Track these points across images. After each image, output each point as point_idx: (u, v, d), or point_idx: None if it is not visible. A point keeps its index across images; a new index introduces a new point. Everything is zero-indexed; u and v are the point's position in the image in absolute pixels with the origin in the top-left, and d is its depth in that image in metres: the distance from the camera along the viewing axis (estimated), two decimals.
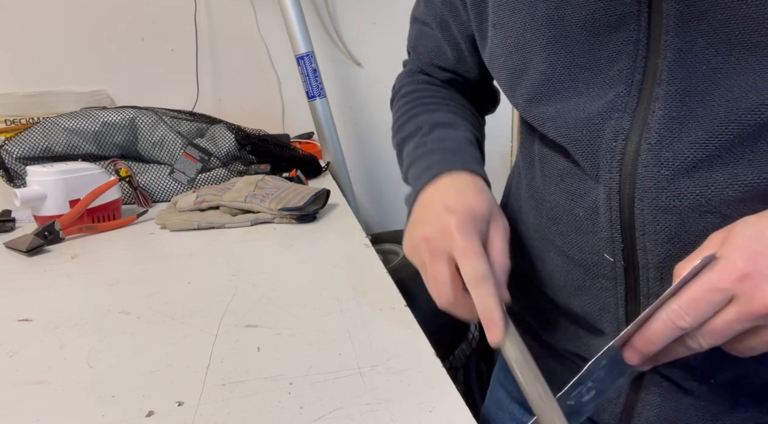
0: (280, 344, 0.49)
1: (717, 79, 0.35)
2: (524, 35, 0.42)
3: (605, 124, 0.39)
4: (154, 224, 0.90)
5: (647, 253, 0.40)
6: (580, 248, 0.45)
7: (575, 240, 0.45)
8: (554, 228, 0.47)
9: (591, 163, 0.41)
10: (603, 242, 0.42)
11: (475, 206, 0.42)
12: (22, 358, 0.48)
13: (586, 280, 0.45)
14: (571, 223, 0.45)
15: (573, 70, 0.41)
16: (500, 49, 0.46)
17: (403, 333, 0.50)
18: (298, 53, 1.35)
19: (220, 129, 1.16)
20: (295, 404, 0.40)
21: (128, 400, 0.41)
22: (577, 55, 0.40)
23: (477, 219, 0.41)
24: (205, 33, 1.51)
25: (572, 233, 0.45)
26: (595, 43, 0.39)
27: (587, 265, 0.44)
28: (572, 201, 0.44)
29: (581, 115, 0.40)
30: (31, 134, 1.02)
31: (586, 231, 0.43)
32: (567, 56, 0.40)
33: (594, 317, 0.46)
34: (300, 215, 0.87)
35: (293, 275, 0.66)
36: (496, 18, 0.46)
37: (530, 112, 0.45)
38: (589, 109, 0.40)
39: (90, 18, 1.41)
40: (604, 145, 0.39)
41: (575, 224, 0.44)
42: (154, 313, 0.56)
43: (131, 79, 1.46)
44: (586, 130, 0.40)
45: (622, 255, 0.41)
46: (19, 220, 0.94)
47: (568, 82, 0.41)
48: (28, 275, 0.70)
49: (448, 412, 0.38)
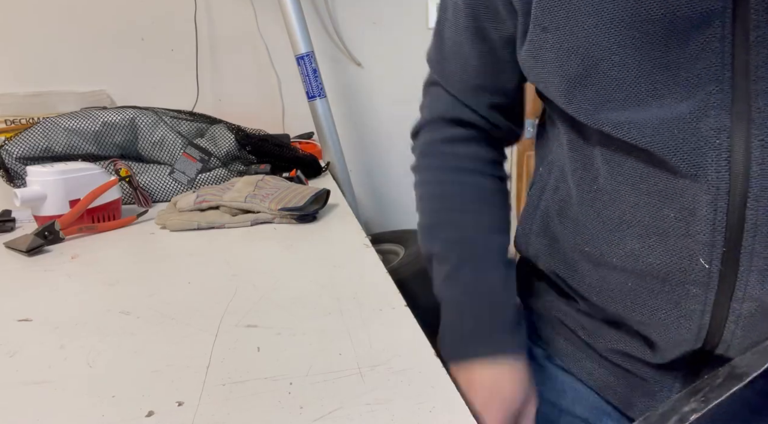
0: (280, 344, 0.49)
1: None
2: (588, 38, 0.40)
3: (701, 123, 0.38)
4: (154, 224, 0.90)
5: (753, 256, 0.38)
6: (665, 252, 0.42)
7: (657, 244, 0.42)
8: (628, 231, 0.44)
9: (688, 162, 0.38)
10: (699, 246, 0.40)
11: (510, 399, 0.49)
12: (22, 358, 0.48)
13: (664, 287, 0.43)
14: (654, 226, 0.42)
15: (651, 71, 0.39)
16: (553, 53, 0.43)
17: (403, 333, 0.50)
18: (298, 53, 1.35)
19: (220, 129, 1.16)
20: (295, 404, 0.39)
21: (128, 400, 0.41)
22: (656, 55, 0.38)
23: (510, 409, 0.48)
24: (205, 33, 1.51)
25: (654, 236, 0.42)
26: (674, 41, 0.37)
27: (670, 271, 0.42)
28: (659, 202, 0.41)
29: (668, 116, 0.39)
30: (31, 134, 1.02)
31: (675, 234, 0.41)
32: (644, 58, 0.39)
33: (666, 325, 0.44)
34: (300, 214, 0.87)
35: (293, 275, 0.66)
36: (546, 20, 0.43)
37: (597, 118, 0.42)
38: (678, 110, 0.38)
39: (90, 18, 1.41)
40: (704, 144, 0.38)
41: (661, 226, 0.42)
42: (154, 313, 0.56)
43: (131, 79, 1.46)
44: (678, 129, 0.38)
45: (720, 259, 0.39)
46: (19, 220, 0.94)
47: (645, 85, 0.39)
48: (28, 275, 0.70)
49: (448, 412, 0.38)
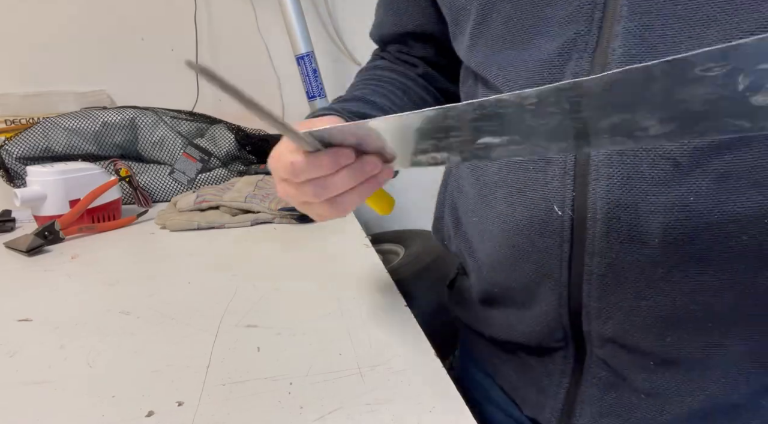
0: (280, 344, 0.49)
1: (678, 13, 0.34)
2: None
3: (565, 67, 0.38)
4: (154, 224, 0.90)
5: (597, 201, 0.38)
6: (526, 206, 0.43)
7: (521, 199, 0.43)
8: (498, 192, 0.45)
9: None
10: (553, 193, 0.40)
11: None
12: (22, 358, 0.48)
13: (530, 244, 0.43)
14: (517, 181, 0.43)
15: (535, 8, 0.39)
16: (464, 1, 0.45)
17: (403, 333, 0.50)
18: (298, 53, 1.35)
19: (220, 129, 1.16)
20: (295, 404, 0.40)
21: (128, 400, 0.41)
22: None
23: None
24: (205, 33, 1.51)
25: (517, 193, 0.43)
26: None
27: (532, 224, 0.42)
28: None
29: (541, 57, 0.39)
30: (31, 134, 1.03)
31: (534, 185, 0.42)
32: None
33: (533, 288, 0.45)
34: (300, 214, 0.87)
35: (293, 275, 0.66)
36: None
37: (493, 60, 0.43)
38: (549, 49, 0.39)
39: (90, 18, 1.41)
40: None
41: (523, 180, 0.43)
42: (154, 313, 0.56)
43: (131, 79, 1.46)
44: (547, 72, 0.39)
45: (571, 205, 0.39)
46: (19, 220, 0.94)
47: (531, 20, 0.40)
48: (28, 275, 0.70)
49: (448, 412, 0.38)
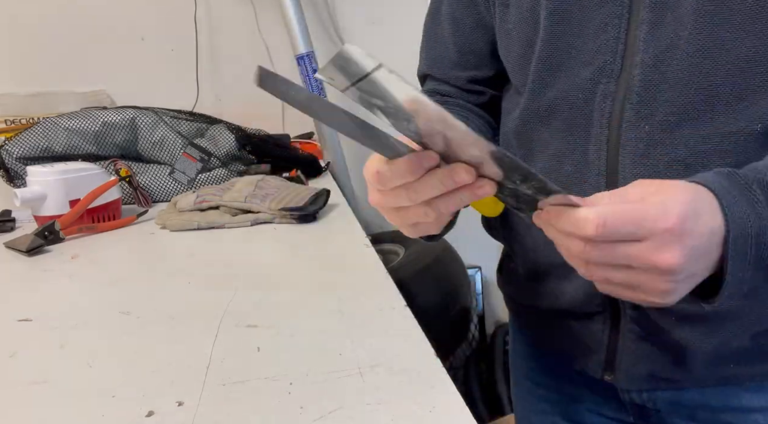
0: (280, 344, 0.49)
1: (680, 46, 0.41)
2: (534, 8, 0.49)
3: (596, 88, 0.46)
4: (154, 224, 0.90)
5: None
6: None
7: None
8: None
9: (585, 121, 0.47)
10: (590, 190, 0.44)
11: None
12: (22, 358, 0.48)
13: None
14: (558, 178, 0.50)
15: (570, 38, 0.47)
16: (512, 24, 0.52)
17: (403, 333, 0.50)
18: (298, 53, 1.35)
19: (220, 129, 1.16)
20: (295, 404, 0.40)
21: (128, 400, 0.41)
22: (573, 24, 0.47)
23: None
24: (205, 33, 1.51)
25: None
26: (586, 16, 0.46)
27: None
28: (559, 161, 0.50)
29: (576, 81, 0.47)
30: (31, 134, 1.02)
31: (574, 184, 0.49)
32: (565, 26, 0.47)
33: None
34: (300, 214, 0.87)
35: (293, 275, 0.66)
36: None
37: (543, 82, 0.49)
38: (583, 75, 0.47)
39: (90, 18, 1.41)
40: (596, 106, 0.46)
41: (562, 181, 0.49)
42: (154, 313, 0.56)
43: (131, 79, 1.46)
44: (581, 93, 0.47)
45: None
46: (19, 220, 0.94)
47: (565, 49, 0.47)
48: (28, 275, 0.70)
49: (448, 412, 0.38)
